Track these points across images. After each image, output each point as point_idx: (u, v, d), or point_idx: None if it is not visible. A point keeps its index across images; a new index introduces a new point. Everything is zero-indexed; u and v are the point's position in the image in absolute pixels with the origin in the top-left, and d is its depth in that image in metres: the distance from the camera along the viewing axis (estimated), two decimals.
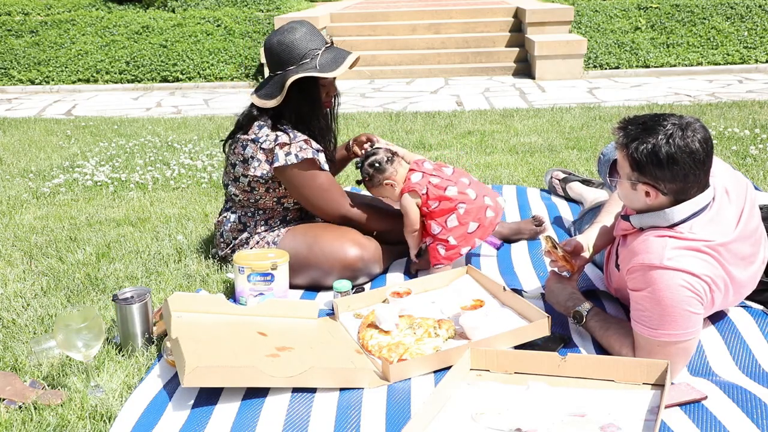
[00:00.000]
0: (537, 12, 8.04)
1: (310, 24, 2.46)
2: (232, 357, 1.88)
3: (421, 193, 2.49)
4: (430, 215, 2.50)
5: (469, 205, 2.49)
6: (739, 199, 1.90)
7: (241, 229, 2.61)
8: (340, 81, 8.14)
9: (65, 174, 4.25)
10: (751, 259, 1.90)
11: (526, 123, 5.29)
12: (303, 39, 2.40)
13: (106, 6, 9.55)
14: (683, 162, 1.71)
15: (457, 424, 1.67)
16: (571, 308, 2.07)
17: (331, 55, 2.43)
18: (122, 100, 7.39)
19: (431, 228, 2.51)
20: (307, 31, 2.42)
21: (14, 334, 2.24)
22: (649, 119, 1.78)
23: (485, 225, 2.52)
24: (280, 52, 2.40)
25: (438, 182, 2.50)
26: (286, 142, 2.42)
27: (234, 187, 2.58)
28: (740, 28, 8.12)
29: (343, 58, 2.43)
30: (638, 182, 1.80)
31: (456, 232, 2.48)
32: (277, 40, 2.41)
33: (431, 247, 2.53)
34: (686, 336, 1.76)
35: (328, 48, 2.45)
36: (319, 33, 2.46)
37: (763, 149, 4.14)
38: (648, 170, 1.75)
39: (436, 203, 2.48)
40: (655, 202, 1.81)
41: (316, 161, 2.44)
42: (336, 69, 2.39)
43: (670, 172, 1.73)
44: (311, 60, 2.39)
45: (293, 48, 2.39)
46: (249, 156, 2.47)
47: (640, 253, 1.79)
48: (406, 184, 2.53)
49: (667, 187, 1.77)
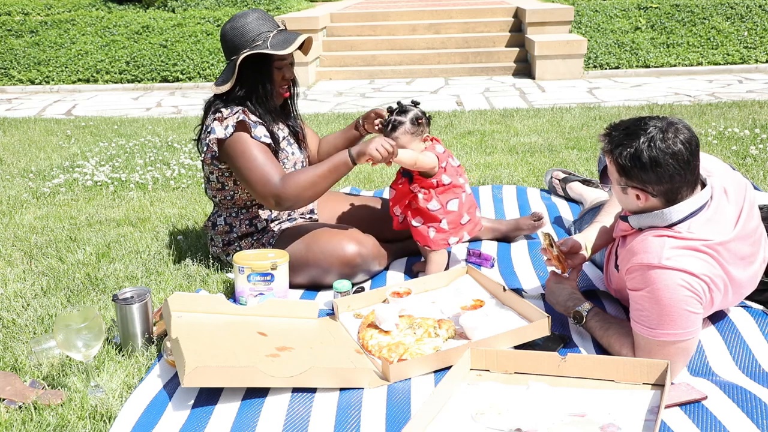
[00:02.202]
0: (537, 12, 8.04)
1: (261, 10, 2.50)
2: (232, 357, 1.88)
3: (441, 164, 2.46)
4: (439, 191, 2.47)
5: (468, 199, 2.53)
6: (739, 199, 1.91)
7: (227, 230, 2.62)
8: (341, 81, 8.16)
9: (65, 174, 4.25)
10: (750, 259, 1.90)
11: (526, 123, 5.29)
12: (254, 22, 2.42)
13: (106, 6, 9.55)
14: (666, 164, 1.72)
15: (457, 424, 1.67)
16: (571, 308, 2.07)
17: (283, 36, 2.44)
18: (122, 100, 7.39)
19: (430, 202, 2.46)
20: (258, 16, 2.45)
21: (14, 334, 2.24)
22: (632, 123, 1.79)
23: (474, 221, 2.55)
24: (233, 37, 2.42)
25: (455, 165, 2.52)
26: (223, 117, 2.42)
27: (209, 188, 2.60)
28: (740, 28, 8.12)
29: (294, 38, 2.43)
30: (627, 186, 1.82)
31: (450, 216, 2.48)
32: (230, 26, 2.44)
33: (420, 228, 2.50)
34: (685, 336, 1.76)
35: (281, 31, 2.47)
36: (271, 18, 2.49)
37: (763, 149, 4.14)
38: (634, 174, 1.77)
39: (450, 179, 2.47)
40: (647, 204, 1.82)
41: (246, 124, 2.39)
42: (286, 48, 2.39)
43: (654, 175, 1.75)
44: (263, 42, 2.41)
45: (245, 32, 2.41)
46: (204, 144, 2.48)
47: (638, 253, 1.80)
48: (430, 148, 2.48)
49: (656, 189, 1.78)
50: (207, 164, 2.51)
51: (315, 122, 5.64)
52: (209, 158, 2.47)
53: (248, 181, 2.38)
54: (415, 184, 2.49)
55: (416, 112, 2.44)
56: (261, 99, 2.47)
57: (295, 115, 2.69)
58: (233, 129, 2.39)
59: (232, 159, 2.42)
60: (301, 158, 2.65)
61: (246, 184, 2.41)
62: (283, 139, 2.58)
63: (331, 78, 8.32)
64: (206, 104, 2.56)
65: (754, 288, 2.01)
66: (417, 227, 2.52)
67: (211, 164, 2.50)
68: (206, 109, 2.55)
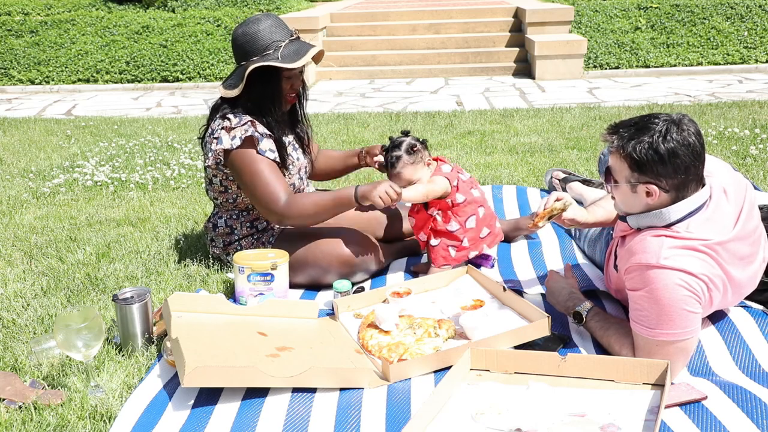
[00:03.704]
0: (537, 12, 8.04)
1: (276, 16, 2.47)
2: (232, 357, 1.88)
3: (453, 183, 2.45)
4: (454, 210, 2.47)
5: (486, 210, 2.51)
6: (738, 199, 1.91)
7: (228, 232, 2.62)
8: (340, 81, 8.16)
9: (65, 174, 4.24)
10: (750, 259, 1.90)
11: (526, 123, 5.29)
12: (267, 30, 2.40)
13: (106, 6, 9.55)
14: (683, 155, 1.74)
15: (457, 424, 1.67)
16: (571, 308, 2.07)
17: (295, 47, 2.42)
18: (122, 100, 7.39)
19: (449, 224, 2.46)
20: (272, 23, 2.41)
21: (14, 334, 2.24)
22: (640, 120, 1.81)
23: (495, 233, 2.55)
24: (244, 43, 2.40)
25: (466, 179, 2.50)
26: (231, 126, 2.41)
27: (211, 190, 2.59)
28: (740, 28, 8.12)
29: (306, 50, 2.41)
30: (638, 183, 1.80)
31: (470, 233, 2.48)
32: (242, 31, 2.41)
33: (438, 247, 2.50)
34: (685, 335, 1.76)
35: (293, 40, 2.45)
36: (284, 25, 2.46)
37: (763, 149, 4.14)
38: (649, 168, 1.76)
39: (464, 197, 2.46)
40: (656, 201, 1.81)
41: (254, 139, 2.39)
42: (297, 60, 2.38)
43: (672, 167, 1.75)
44: (274, 51, 2.39)
45: (257, 39, 2.39)
46: (208, 149, 2.47)
47: (637, 253, 1.80)
48: (437, 170, 2.48)
49: (669, 183, 1.78)
50: (211, 168, 2.50)
51: (315, 122, 5.64)
52: (214, 164, 2.46)
53: (253, 197, 2.42)
54: (432, 207, 2.49)
55: (409, 142, 2.44)
56: (268, 107, 2.46)
57: (302, 120, 2.67)
58: (240, 142, 2.38)
59: (237, 172, 2.42)
60: (305, 163, 2.66)
61: (251, 198, 2.44)
62: (289, 144, 2.58)
63: (331, 78, 8.32)
64: (213, 106, 2.54)
65: (754, 288, 2.01)
66: (434, 247, 2.51)
67: (216, 168, 2.49)
68: (213, 110, 2.53)
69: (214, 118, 2.50)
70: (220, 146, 2.40)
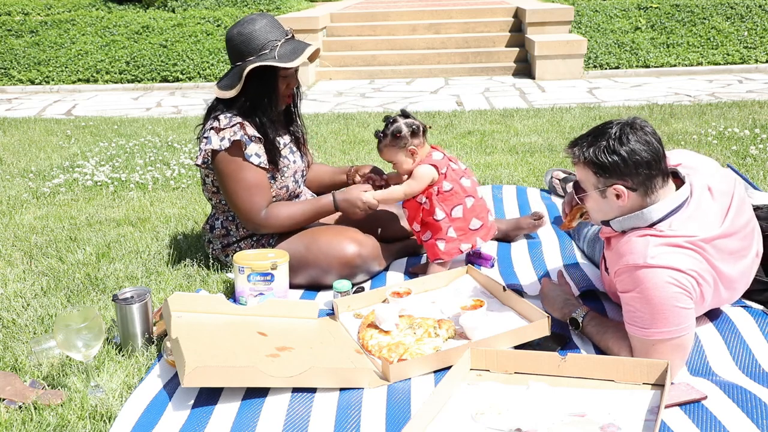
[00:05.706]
0: (537, 12, 8.04)
1: (271, 16, 2.46)
2: (232, 357, 1.88)
3: (441, 171, 2.45)
4: (441, 198, 2.46)
5: (476, 201, 2.50)
6: (725, 196, 1.93)
7: (225, 234, 2.62)
8: (340, 81, 8.16)
9: (65, 174, 4.25)
10: (741, 254, 1.91)
11: (526, 123, 5.29)
12: (262, 30, 2.39)
13: (106, 6, 9.55)
14: (641, 150, 1.78)
15: (457, 424, 1.67)
16: (567, 314, 2.08)
17: (291, 46, 2.41)
18: (122, 100, 7.40)
19: (435, 212, 2.45)
20: (267, 23, 2.41)
21: (14, 334, 2.24)
22: (595, 129, 1.88)
23: (487, 226, 2.53)
24: (240, 43, 2.39)
25: (456, 168, 2.50)
26: (220, 127, 2.40)
27: (206, 190, 2.59)
28: (740, 28, 8.12)
29: (303, 49, 2.41)
30: (606, 187, 1.84)
31: (457, 224, 2.47)
32: (237, 31, 2.40)
33: (429, 243, 2.50)
34: (679, 332, 1.77)
35: (289, 40, 2.44)
36: (279, 25, 2.45)
37: (763, 149, 4.14)
38: (612, 169, 1.81)
39: (451, 186, 2.46)
40: (628, 202, 1.84)
41: (241, 143, 2.38)
42: (294, 59, 2.38)
43: (633, 164, 1.78)
44: (270, 51, 2.38)
45: (252, 39, 2.38)
46: (199, 149, 2.47)
47: (624, 255, 1.82)
48: (427, 158, 2.48)
49: (634, 181, 1.81)
50: (202, 168, 2.51)
51: (315, 122, 5.64)
52: (203, 163, 2.46)
53: (233, 205, 2.45)
54: (419, 194, 2.49)
55: (398, 126, 2.44)
56: (265, 108, 2.45)
57: (297, 120, 2.67)
58: (228, 144, 2.37)
59: (220, 177, 2.43)
60: (302, 167, 2.65)
61: (230, 205, 2.47)
62: (285, 147, 2.58)
63: (331, 78, 8.32)
64: (209, 106, 2.54)
65: (749, 282, 2.01)
66: (426, 242, 2.52)
67: (206, 168, 2.49)
68: (208, 111, 2.53)
69: (208, 118, 2.50)
70: (209, 146, 2.40)
